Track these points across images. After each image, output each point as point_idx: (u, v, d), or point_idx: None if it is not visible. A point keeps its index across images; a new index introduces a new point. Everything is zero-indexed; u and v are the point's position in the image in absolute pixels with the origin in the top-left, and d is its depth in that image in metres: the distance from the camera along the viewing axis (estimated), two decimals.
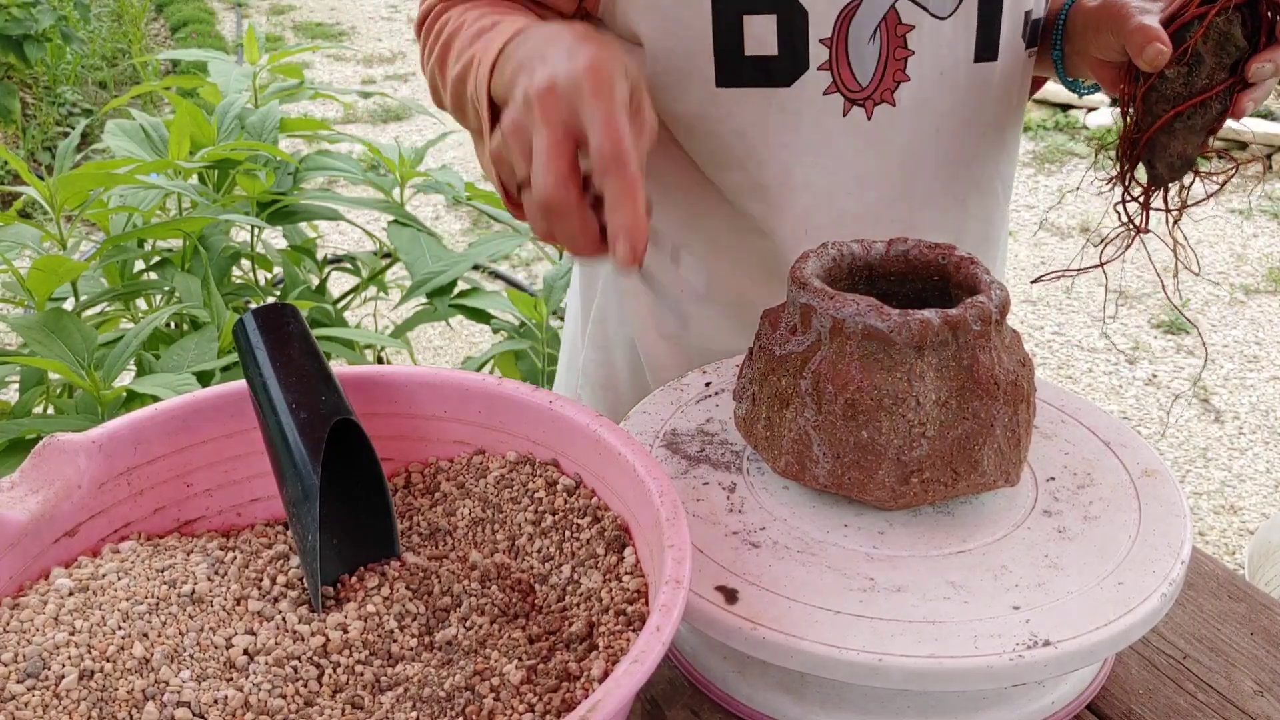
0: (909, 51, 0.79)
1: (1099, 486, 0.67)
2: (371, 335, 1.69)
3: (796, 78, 0.78)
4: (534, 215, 0.57)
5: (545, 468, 0.64)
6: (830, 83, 0.79)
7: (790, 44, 0.77)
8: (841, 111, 0.80)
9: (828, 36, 0.77)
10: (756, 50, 0.77)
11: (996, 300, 0.62)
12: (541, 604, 0.57)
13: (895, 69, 0.79)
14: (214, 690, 0.49)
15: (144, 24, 5.96)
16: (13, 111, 4.05)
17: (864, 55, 0.78)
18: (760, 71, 0.78)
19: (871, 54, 0.78)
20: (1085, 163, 4.42)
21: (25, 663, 0.50)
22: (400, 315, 2.46)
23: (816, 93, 0.79)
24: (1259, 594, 0.72)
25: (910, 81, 0.80)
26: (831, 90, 0.79)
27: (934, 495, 0.62)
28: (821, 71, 0.78)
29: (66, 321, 1.31)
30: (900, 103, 0.80)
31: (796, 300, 0.64)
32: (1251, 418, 2.75)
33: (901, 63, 0.79)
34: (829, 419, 0.62)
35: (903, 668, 0.53)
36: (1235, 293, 3.39)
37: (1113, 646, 0.55)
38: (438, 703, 0.50)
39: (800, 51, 0.77)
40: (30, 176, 1.49)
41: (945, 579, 0.59)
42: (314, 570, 0.55)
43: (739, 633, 0.56)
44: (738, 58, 0.78)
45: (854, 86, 0.79)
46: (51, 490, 0.58)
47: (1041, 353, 3.08)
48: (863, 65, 0.79)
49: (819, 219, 0.83)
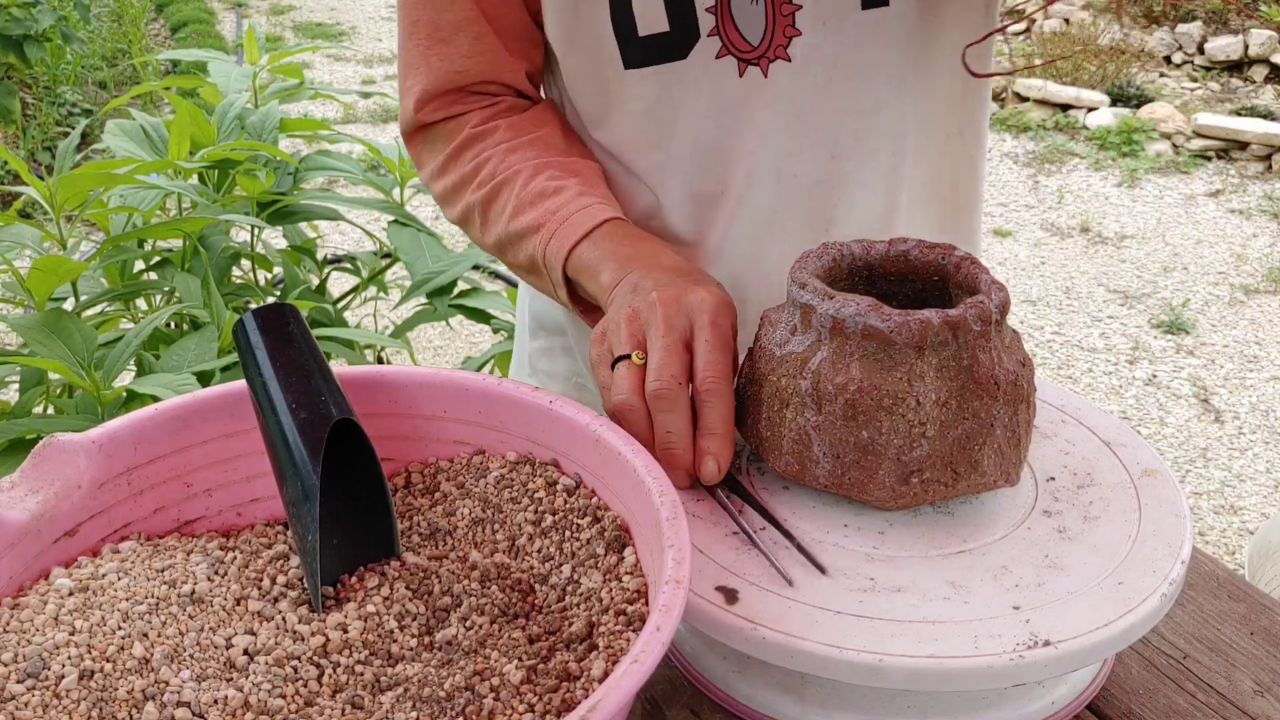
0: (795, 5, 0.80)
1: (1099, 486, 0.67)
2: (371, 335, 1.69)
3: (690, 48, 0.81)
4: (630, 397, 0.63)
5: (545, 468, 0.64)
6: (721, 46, 0.81)
7: (679, 17, 0.79)
8: (737, 72, 0.81)
9: (712, 5, 0.79)
10: (650, 29, 0.80)
11: (996, 300, 0.62)
12: (541, 604, 0.57)
13: (784, 24, 0.80)
14: (214, 690, 0.49)
15: (144, 24, 5.96)
16: (13, 111, 4.05)
17: (749, 15, 0.80)
18: (657, 48, 0.80)
19: (757, 13, 0.80)
20: (1085, 163, 4.42)
21: (25, 663, 0.50)
22: (400, 315, 2.46)
23: (710, 58, 0.81)
24: (1259, 594, 0.72)
25: (802, 35, 0.81)
26: (724, 54, 0.81)
27: (934, 495, 0.62)
28: (711, 37, 0.80)
29: (66, 321, 1.31)
30: (795, 57, 0.81)
31: (796, 300, 0.64)
32: (1251, 418, 2.75)
33: (789, 17, 0.80)
34: (829, 419, 0.62)
35: (903, 668, 0.53)
36: (1235, 293, 3.39)
37: (1113, 646, 0.55)
38: (438, 703, 0.50)
39: (689, 23, 0.80)
40: (30, 176, 1.49)
41: (945, 579, 0.59)
42: (314, 570, 0.55)
43: (739, 633, 0.56)
44: (635, 39, 0.80)
45: (745, 47, 0.81)
46: (51, 490, 0.58)
47: (1041, 353, 3.09)
48: (750, 25, 0.80)
49: (731, 180, 0.85)
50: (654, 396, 0.62)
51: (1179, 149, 4.49)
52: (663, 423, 0.62)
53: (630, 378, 0.64)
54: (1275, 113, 4.58)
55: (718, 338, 0.64)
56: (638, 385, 0.63)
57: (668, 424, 0.62)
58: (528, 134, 0.85)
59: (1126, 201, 4.11)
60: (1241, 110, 4.67)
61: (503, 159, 0.84)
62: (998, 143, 4.71)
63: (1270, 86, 4.93)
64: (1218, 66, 5.10)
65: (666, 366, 0.62)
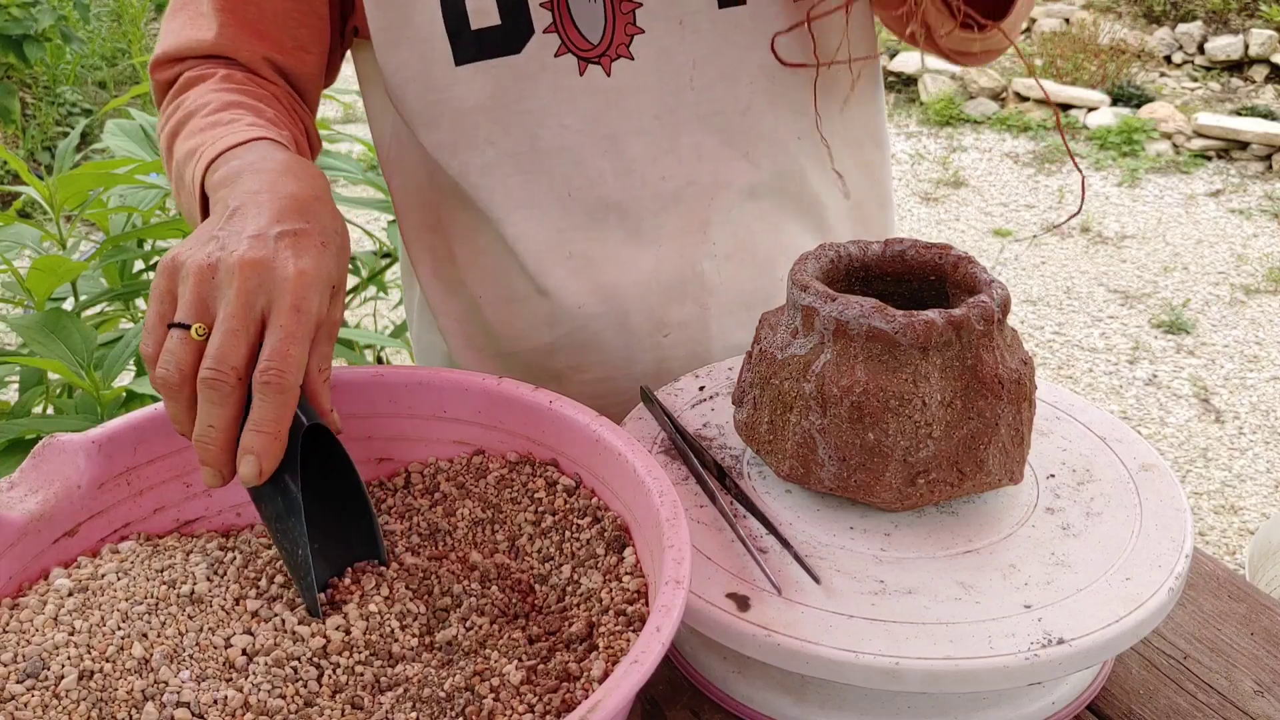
0: (635, 3, 0.79)
1: (1099, 482, 0.67)
2: (371, 335, 1.69)
3: (524, 43, 0.79)
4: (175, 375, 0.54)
5: (545, 468, 0.64)
6: (560, 44, 0.79)
7: (510, 11, 0.78)
8: (577, 71, 0.80)
9: (548, 0, 0.78)
10: (481, 23, 0.78)
11: (998, 299, 0.62)
12: (541, 604, 0.57)
13: (624, 21, 0.79)
14: (213, 690, 0.49)
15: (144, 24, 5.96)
16: (13, 111, 4.05)
17: (588, 12, 0.79)
18: (489, 43, 0.79)
19: (596, 10, 0.79)
20: (1085, 163, 4.42)
21: (25, 663, 0.50)
22: (400, 315, 2.45)
23: (548, 55, 0.79)
24: (1259, 594, 0.72)
25: (645, 33, 0.80)
26: (563, 51, 0.79)
27: (940, 495, 0.62)
28: (549, 34, 0.79)
29: (66, 321, 1.31)
30: (639, 55, 0.80)
31: (798, 302, 0.64)
32: (1252, 418, 2.75)
33: (629, 15, 0.79)
34: (834, 422, 0.61)
35: (919, 670, 0.53)
36: (1235, 293, 3.39)
37: (1125, 642, 0.55)
38: (438, 703, 0.50)
39: (522, 17, 0.78)
40: (30, 176, 1.49)
41: (955, 579, 0.59)
42: (309, 585, 0.55)
43: (753, 640, 0.56)
44: (467, 33, 0.78)
45: (584, 45, 0.79)
46: (51, 490, 0.57)
47: (1042, 353, 3.08)
48: (589, 22, 0.79)
49: (579, 181, 0.83)
50: (203, 383, 0.53)
51: (1179, 149, 4.49)
52: (205, 414, 0.54)
53: (182, 354, 0.54)
54: (1275, 113, 4.57)
55: (296, 325, 0.54)
56: (190, 365, 0.54)
57: (210, 417, 0.54)
58: (239, 85, 0.78)
59: (1127, 201, 4.11)
60: (1242, 110, 4.67)
61: (200, 96, 0.76)
62: (998, 142, 4.71)
63: (1270, 86, 4.92)
64: (1218, 66, 5.10)
65: (227, 354, 0.53)
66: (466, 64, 0.79)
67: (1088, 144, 4.57)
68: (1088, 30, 5.21)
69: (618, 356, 0.88)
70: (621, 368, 0.89)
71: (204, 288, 0.55)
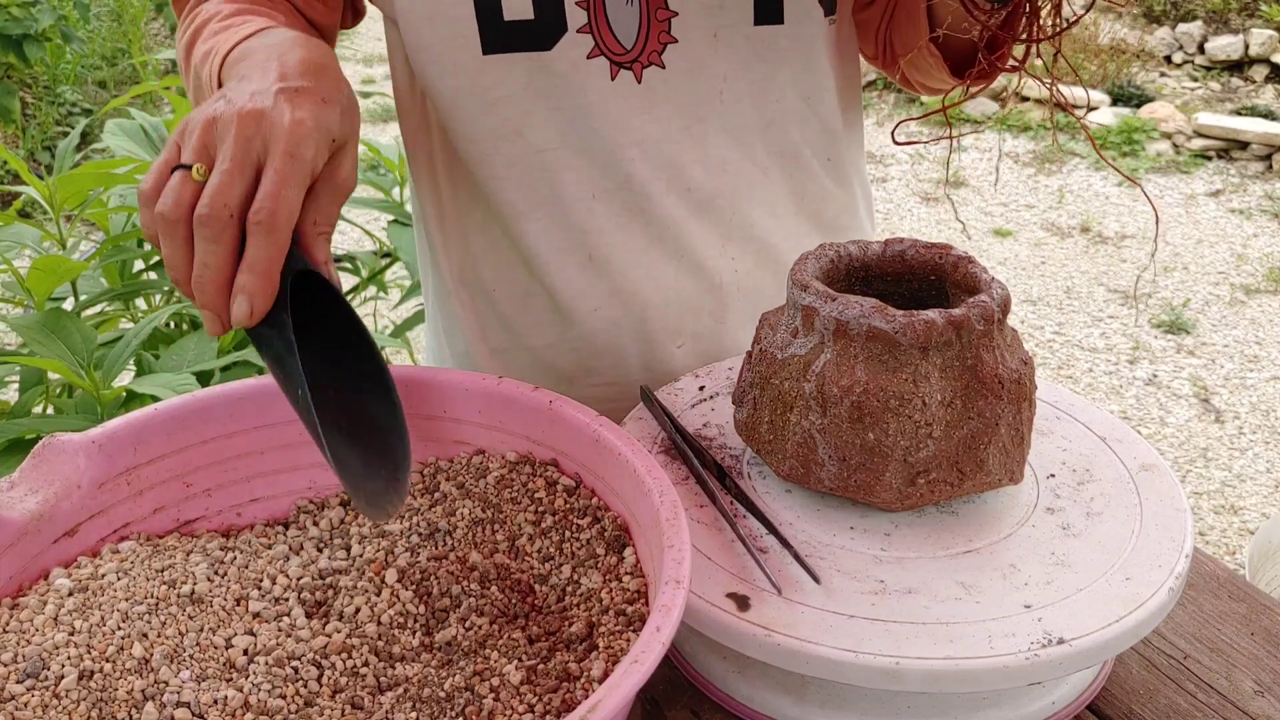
0: (671, 12, 0.78)
1: (1099, 482, 0.67)
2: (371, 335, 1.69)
3: (556, 41, 0.78)
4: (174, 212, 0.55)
5: (545, 468, 0.64)
6: (593, 46, 0.79)
7: (545, 6, 0.77)
8: (609, 75, 0.80)
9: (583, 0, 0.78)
10: (515, 15, 0.77)
11: (998, 299, 0.62)
12: (541, 604, 0.57)
13: (659, 29, 0.79)
14: (214, 690, 0.49)
15: (144, 24, 5.96)
16: (13, 111, 4.05)
17: (624, 17, 0.78)
18: (521, 36, 0.78)
19: (631, 16, 0.78)
20: (1085, 163, 4.42)
21: (25, 663, 0.50)
22: (400, 315, 2.46)
23: (580, 56, 0.79)
24: (1259, 594, 0.72)
25: (679, 43, 0.79)
26: (595, 54, 0.79)
27: (940, 495, 0.62)
28: (582, 34, 0.78)
29: (66, 321, 1.31)
30: (670, 65, 0.80)
31: (798, 302, 0.64)
32: (1252, 418, 2.75)
33: (665, 24, 0.79)
34: (835, 422, 0.61)
35: (920, 670, 0.53)
36: (1235, 293, 3.39)
37: (1125, 642, 0.55)
38: (437, 703, 0.50)
39: (557, 14, 0.77)
40: (30, 176, 1.49)
41: (955, 579, 0.59)
42: (311, 421, 0.54)
43: (753, 640, 0.56)
44: (499, 23, 0.78)
45: (618, 49, 0.79)
46: (51, 490, 0.57)
47: (1042, 353, 3.08)
48: (624, 27, 0.78)
49: (605, 184, 0.83)
50: (198, 220, 0.54)
51: (1179, 149, 4.49)
52: (201, 253, 0.55)
53: (182, 191, 0.56)
54: (1275, 112, 4.57)
55: (291, 170, 0.56)
56: (187, 202, 0.56)
57: (205, 254, 0.55)
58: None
59: (1127, 201, 4.11)
60: (1242, 110, 4.67)
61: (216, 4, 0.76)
62: (998, 141, 4.71)
63: (1270, 86, 4.92)
64: (1218, 66, 5.10)
65: (222, 191, 0.55)
66: (495, 54, 0.78)
67: (1088, 144, 4.56)
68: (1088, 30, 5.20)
69: (631, 363, 0.88)
70: (632, 374, 0.89)
71: (207, 135, 0.57)
